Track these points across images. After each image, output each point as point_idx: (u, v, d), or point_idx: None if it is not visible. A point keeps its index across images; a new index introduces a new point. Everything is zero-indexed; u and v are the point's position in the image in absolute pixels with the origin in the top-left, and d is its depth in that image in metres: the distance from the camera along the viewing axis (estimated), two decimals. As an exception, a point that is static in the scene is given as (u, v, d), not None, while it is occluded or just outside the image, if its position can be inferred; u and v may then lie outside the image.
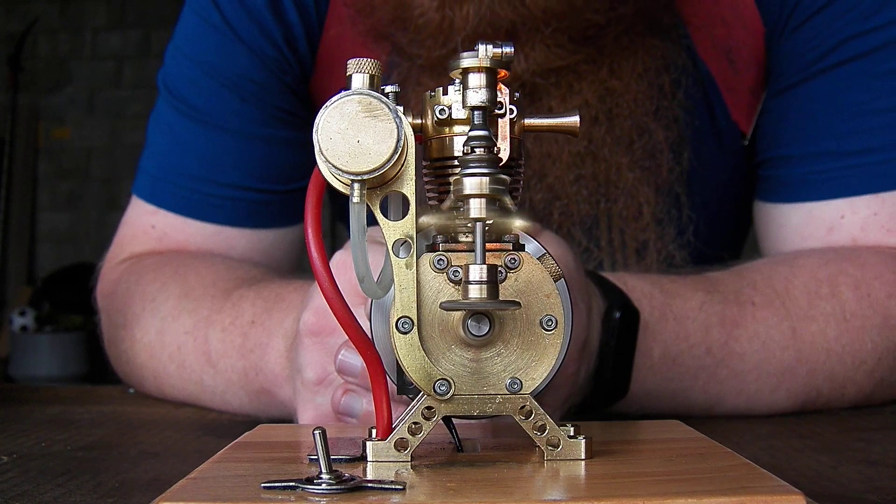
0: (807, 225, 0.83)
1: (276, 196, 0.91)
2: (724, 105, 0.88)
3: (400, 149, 0.41)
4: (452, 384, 0.42)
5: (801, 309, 0.72)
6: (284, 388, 0.67)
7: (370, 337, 0.45)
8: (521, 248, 0.44)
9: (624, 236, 0.85)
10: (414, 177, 0.43)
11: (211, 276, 0.80)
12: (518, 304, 0.42)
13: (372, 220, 0.43)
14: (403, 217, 0.43)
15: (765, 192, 0.88)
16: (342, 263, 0.55)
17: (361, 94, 0.41)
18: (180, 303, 0.78)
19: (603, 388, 0.65)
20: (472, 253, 0.42)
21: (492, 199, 0.40)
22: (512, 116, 0.44)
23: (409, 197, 0.43)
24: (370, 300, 0.46)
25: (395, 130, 0.41)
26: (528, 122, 0.45)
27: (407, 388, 0.45)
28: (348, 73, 0.42)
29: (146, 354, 0.79)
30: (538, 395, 0.44)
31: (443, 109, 0.43)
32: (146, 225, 0.90)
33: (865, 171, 0.81)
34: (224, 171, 0.88)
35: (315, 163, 0.42)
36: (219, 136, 0.88)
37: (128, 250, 0.90)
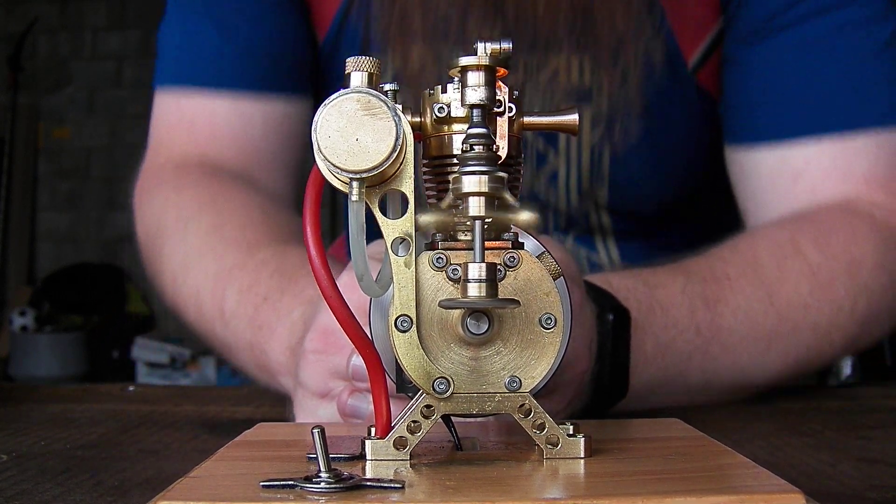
0: (779, 172, 0.86)
1: (286, 60, 0.94)
2: (671, 32, 0.90)
3: (399, 147, 0.41)
4: (451, 382, 0.42)
5: (771, 273, 0.75)
6: (286, 378, 0.68)
7: (370, 336, 0.45)
8: (521, 246, 0.44)
9: (599, 32, 0.87)
10: (413, 175, 0.42)
11: (244, 217, 0.82)
12: (517, 302, 0.42)
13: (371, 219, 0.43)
14: (402, 215, 0.43)
15: (733, 135, 0.91)
16: (350, 284, 0.55)
17: (360, 92, 0.41)
18: (209, 238, 0.80)
19: (602, 390, 0.65)
20: (471, 251, 0.41)
21: (491, 197, 0.40)
22: (511, 114, 0.44)
23: (408, 195, 0.43)
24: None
25: (394, 128, 0.41)
26: (527, 119, 0.45)
27: (406, 387, 0.45)
28: (347, 72, 0.42)
29: (170, 279, 0.83)
30: (542, 395, 0.44)
31: (441, 107, 0.43)
32: (174, 117, 0.93)
33: (828, 111, 0.85)
34: (236, 33, 0.92)
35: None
36: (227, 15, 0.93)
37: (164, 149, 0.93)
